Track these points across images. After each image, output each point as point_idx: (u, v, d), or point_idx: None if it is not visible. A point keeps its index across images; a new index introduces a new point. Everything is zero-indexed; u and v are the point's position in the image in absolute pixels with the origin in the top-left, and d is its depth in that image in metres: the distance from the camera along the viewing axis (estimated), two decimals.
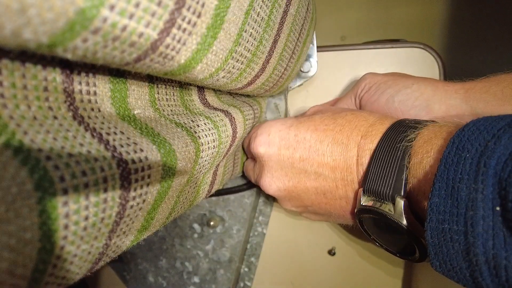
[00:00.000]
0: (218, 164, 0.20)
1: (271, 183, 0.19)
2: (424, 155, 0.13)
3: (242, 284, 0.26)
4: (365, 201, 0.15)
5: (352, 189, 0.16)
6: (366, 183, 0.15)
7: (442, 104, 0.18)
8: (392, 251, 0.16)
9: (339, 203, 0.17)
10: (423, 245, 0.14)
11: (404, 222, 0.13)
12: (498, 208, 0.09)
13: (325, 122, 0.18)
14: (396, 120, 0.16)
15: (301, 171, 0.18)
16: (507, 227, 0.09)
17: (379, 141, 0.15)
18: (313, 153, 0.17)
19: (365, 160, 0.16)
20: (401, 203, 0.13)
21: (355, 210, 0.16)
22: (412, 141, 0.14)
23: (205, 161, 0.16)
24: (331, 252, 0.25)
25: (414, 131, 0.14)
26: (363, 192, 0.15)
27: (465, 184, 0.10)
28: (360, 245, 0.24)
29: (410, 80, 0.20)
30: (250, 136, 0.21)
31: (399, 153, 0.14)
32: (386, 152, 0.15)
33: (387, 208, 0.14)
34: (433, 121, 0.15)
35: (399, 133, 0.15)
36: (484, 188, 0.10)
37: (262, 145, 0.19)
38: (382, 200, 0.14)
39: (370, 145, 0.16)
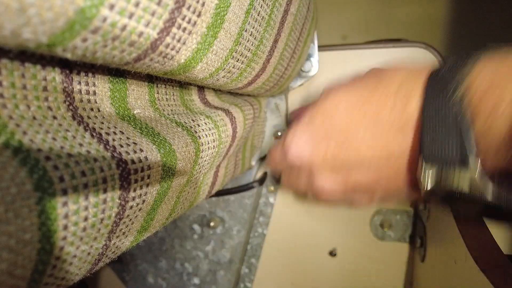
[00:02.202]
0: (219, 165, 0.20)
1: (329, 183, 0.17)
2: (494, 107, 0.10)
3: (242, 285, 0.26)
4: (428, 168, 0.12)
5: (404, 162, 0.14)
6: (424, 150, 0.12)
7: None
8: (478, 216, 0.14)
9: (396, 185, 0.15)
10: None
11: (489, 196, 0.10)
12: None
13: (351, 100, 0.16)
14: (429, 72, 0.13)
15: (347, 161, 0.16)
16: None
17: (425, 100, 0.12)
18: (355, 134, 0.15)
19: (412, 123, 0.13)
20: (476, 164, 0.10)
21: (422, 192, 0.13)
22: (468, 89, 0.11)
23: (205, 161, 0.16)
24: (332, 253, 0.24)
25: (465, 75, 0.11)
26: (424, 159, 0.12)
27: None
28: (362, 246, 0.24)
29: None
30: (284, 148, 0.19)
31: (455, 107, 0.11)
32: (438, 109, 0.12)
33: (459, 178, 0.11)
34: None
35: (446, 82, 0.12)
36: None
37: (300, 152, 0.17)
38: (450, 167, 0.11)
39: (409, 110, 0.13)
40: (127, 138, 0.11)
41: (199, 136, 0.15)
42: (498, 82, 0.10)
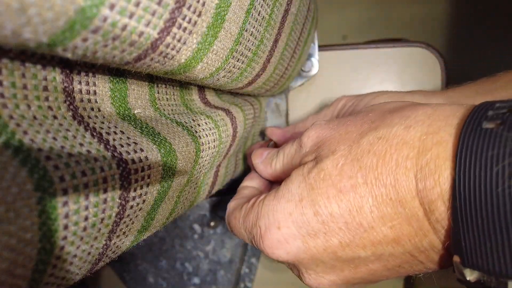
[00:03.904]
0: (219, 165, 0.20)
1: (320, 280, 0.13)
2: None
3: (242, 285, 0.26)
4: (470, 273, 0.09)
5: (435, 253, 0.11)
6: (465, 255, 0.09)
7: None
8: None
9: (424, 267, 0.12)
10: None
11: None
12: None
13: (346, 173, 0.11)
14: (466, 117, 0.09)
15: (352, 258, 0.12)
16: None
17: (456, 179, 0.08)
18: (356, 231, 0.11)
19: (440, 214, 0.09)
20: None
21: (457, 278, 0.10)
22: None
23: (205, 161, 0.16)
24: None
25: None
26: (463, 264, 0.09)
27: None
28: None
29: (387, 92, 0.18)
30: (250, 231, 0.13)
31: (510, 200, 0.07)
32: (480, 199, 0.08)
33: None
34: None
35: (491, 158, 0.08)
36: None
37: (279, 249, 0.12)
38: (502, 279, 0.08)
39: (438, 189, 0.09)
40: (128, 138, 0.11)
41: (199, 136, 0.15)
42: None
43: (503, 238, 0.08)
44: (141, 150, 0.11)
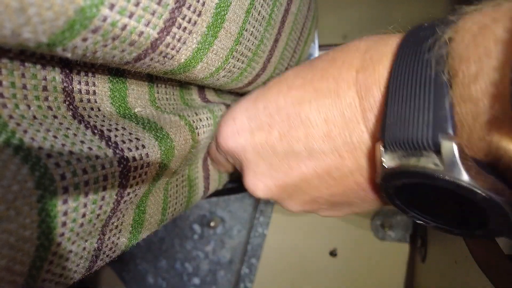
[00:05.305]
0: (207, 158, 0.20)
1: (256, 182, 0.14)
2: (479, 63, 0.07)
3: (242, 286, 0.26)
4: (389, 160, 0.09)
5: (363, 153, 0.11)
6: (386, 131, 0.09)
7: None
8: (449, 229, 0.10)
9: (353, 180, 0.12)
10: (500, 207, 0.08)
11: (464, 177, 0.07)
12: None
13: (300, 75, 0.12)
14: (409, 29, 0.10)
15: (287, 153, 0.13)
16: None
17: (394, 62, 0.09)
18: (294, 122, 0.12)
19: (374, 100, 0.10)
20: (451, 147, 0.08)
21: (379, 180, 0.10)
22: (447, 44, 0.08)
23: (192, 155, 0.16)
24: (333, 253, 0.24)
25: (446, 28, 0.08)
26: (385, 147, 0.09)
27: None
28: (362, 246, 0.24)
29: None
30: (216, 135, 0.16)
31: (430, 68, 0.08)
32: (409, 73, 0.09)
33: (427, 162, 0.08)
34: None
35: (423, 40, 0.09)
36: None
37: (230, 137, 0.14)
38: (417, 151, 0.08)
39: (376, 76, 0.10)
40: (130, 133, 0.11)
41: (198, 133, 0.15)
42: (486, 34, 0.07)
43: (417, 106, 0.08)
44: (143, 146, 0.11)
